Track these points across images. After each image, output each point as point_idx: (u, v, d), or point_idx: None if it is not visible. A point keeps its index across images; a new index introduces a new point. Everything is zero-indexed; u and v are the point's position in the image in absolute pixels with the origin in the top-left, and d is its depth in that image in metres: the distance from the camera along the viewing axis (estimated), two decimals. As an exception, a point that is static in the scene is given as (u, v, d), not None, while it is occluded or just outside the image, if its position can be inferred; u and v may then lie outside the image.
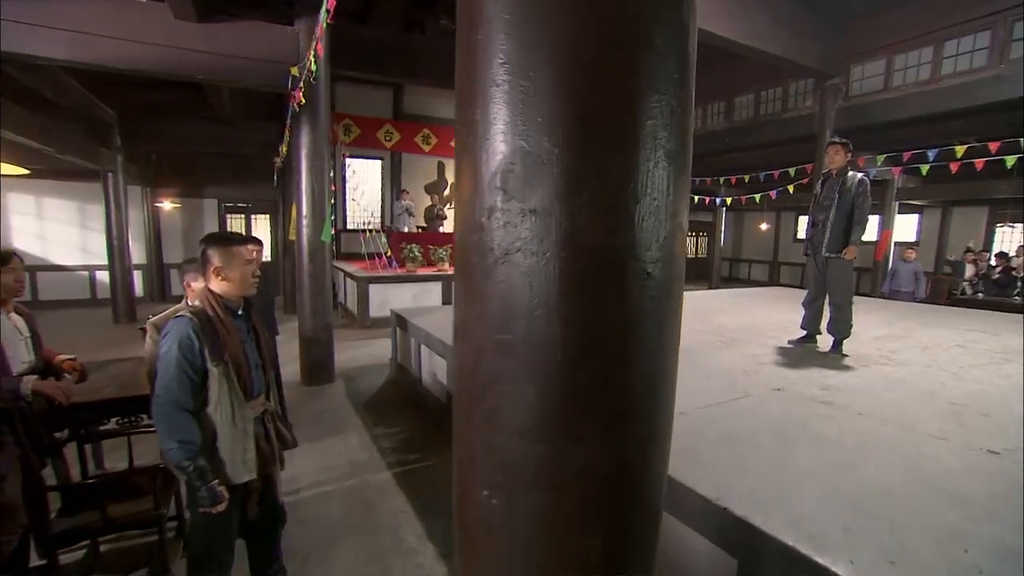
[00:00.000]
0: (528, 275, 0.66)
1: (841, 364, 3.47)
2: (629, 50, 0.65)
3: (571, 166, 0.64)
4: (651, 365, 0.82)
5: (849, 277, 3.69)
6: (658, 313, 0.78)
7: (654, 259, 0.71)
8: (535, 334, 0.68)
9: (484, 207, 0.71)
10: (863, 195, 3.57)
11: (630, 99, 0.65)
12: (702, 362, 3.46)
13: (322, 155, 4.83)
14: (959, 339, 4.39)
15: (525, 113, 0.65)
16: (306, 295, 4.91)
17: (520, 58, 0.65)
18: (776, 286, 12.96)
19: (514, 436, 0.70)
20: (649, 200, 0.67)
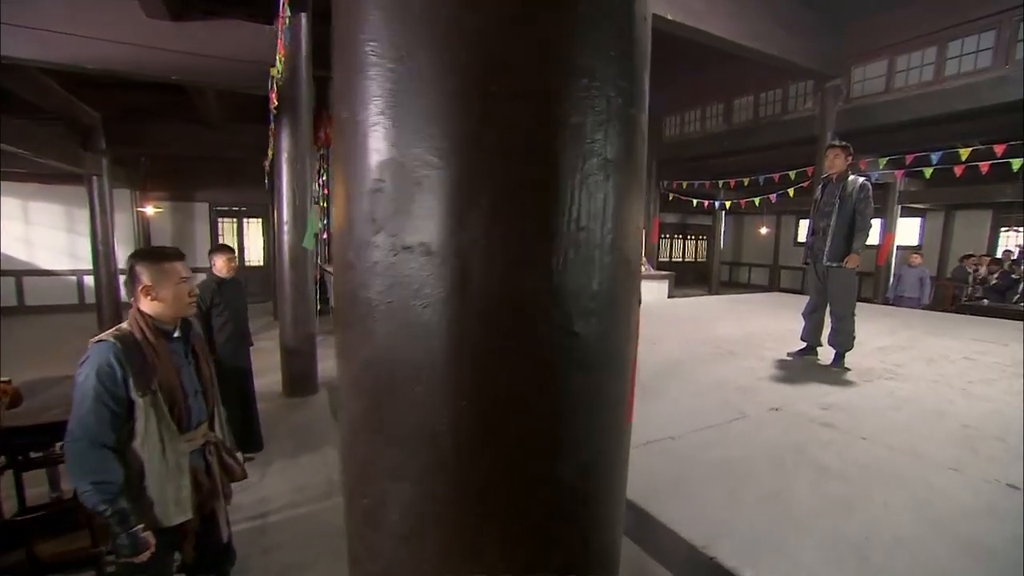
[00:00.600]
0: (405, 334, 0.48)
1: (843, 379, 3.29)
2: (544, 18, 0.46)
3: (459, 183, 0.46)
4: (583, 456, 0.60)
5: (852, 287, 3.51)
6: (592, 386, 0.58)
7: (584, 311, 0.53)
8: (414, 413, 0.50)
9: (353, 241, 0.53)
10: (865, 200, 3.39)
11: (544, 87, 0.47)
12: (696, 377, 3.27)
13: (304, 158, 4.66)
14: (966, 350, 4.21)
15: (396, 109, 0.47)
16: (287, 304, 4.74)
17: (391, 33, 0.47)
18: (776, 291, 12.79)
19: (398, 543, 0.52)
20: (574, 228, 0.49)
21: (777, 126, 9.33)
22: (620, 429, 0.66)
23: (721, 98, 10.36)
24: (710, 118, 10.61)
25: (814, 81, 8.67)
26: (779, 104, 9.39)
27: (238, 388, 3.68)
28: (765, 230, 13.85)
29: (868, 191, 3.41)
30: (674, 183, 11.83)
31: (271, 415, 4.52)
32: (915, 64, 7.73)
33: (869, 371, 3.48)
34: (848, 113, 8.27)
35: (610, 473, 0.64)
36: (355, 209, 0.52)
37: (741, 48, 7.26)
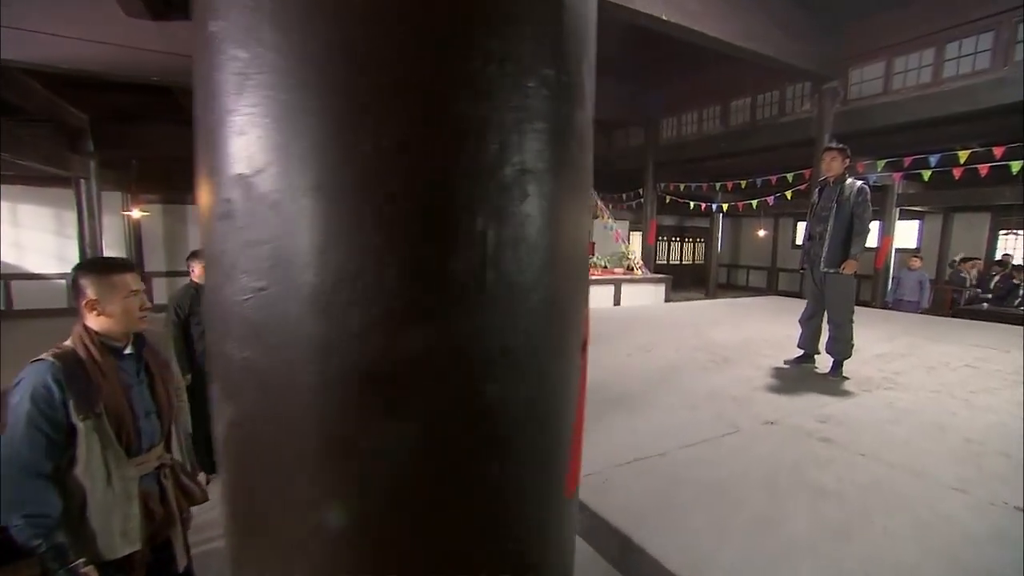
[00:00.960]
0: (265, 399, 0.37)
1: (841, 389, 3.19)
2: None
3: (326, 205, 0.35)
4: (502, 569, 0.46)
5: (850, 293, 3.41)
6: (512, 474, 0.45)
7: (498, 370, 0.41)
8: (279, 502, 0.39)
9: (210, 278, 0.42)
10: (863, 204, 3.29)
11: (433, 78, 0.36)
12: (690, 386, 3.17)
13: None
14: (967, 357, 4.11)
15: (244, 114, 0.36)
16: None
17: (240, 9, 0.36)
18: (774, 294, 12.71)
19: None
20: (479, 262, 0.38)
21: (774, 128, 9.26)
22: (558, 518, 0.54)
23: (718, 100, 10.28)
24: (707, 120, 10.53)
25: (811, 83, 8.60)
26: (776, 106, 9.32)
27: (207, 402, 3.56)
28: (763, 233, 13.77)
29: (866, 195, 3.32)
30: (671, 185, 11.75)
31: None
32: (913, 66, 7.65)
33: (868, 380, 3.37)
34: (846, 115, 8.20)
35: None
36: (205, 236, 0.42)
37: (736, 49, 7.18)
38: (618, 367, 3.62)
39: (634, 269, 10.49)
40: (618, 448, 2.19)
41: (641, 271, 10.59)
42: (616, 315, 6.25)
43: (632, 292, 10.04)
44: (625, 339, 4.62)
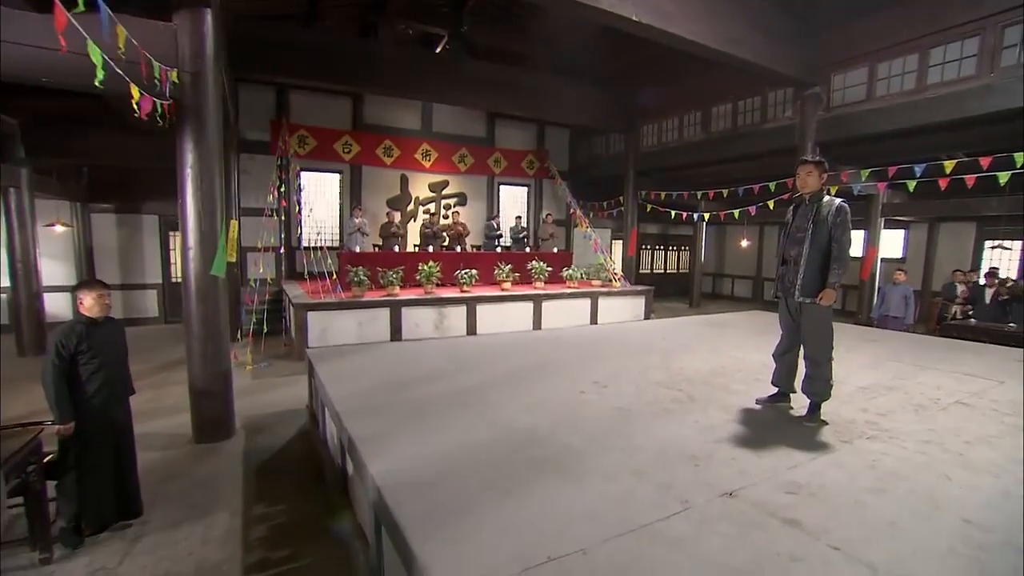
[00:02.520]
0: None
1: (817, 439, 2.76)
2: None
3: None
4: None
5: (827, 327, 3.00)
6: None
7: None
8: None
9: None
10: (842, 226, 2.90)
11: None
12: (642, 438, 2.73)
13: (211, 174, 4.08)
14: (959, 389, 3.72)
15: None
16: (195, 341, 4.14)
17: None
18: (759, 304, 12.37)
19: None
20: None
21: (756, 135, 8.93)
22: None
23: (699, 105, 9.96)
24: (688, 127, 10.20)
25: (793, 89, 8.28)
26: (758, 112, 9.00)
27: (113, 446, 3.09)
28: (746, 243, 13.46)
29: (846, 214, 2.92)
30: (652, 194, 11.40)
31: (171, 466, 3.94)
32: (896, 72, 7.36)
33: (849, 425, 2.96)
34: (828, 122, 7.88)
35: None
36: None
37: (715, 53, 6.83)
38: (566, 410, 3.18)
39: (613, 281, 10.10)
40: (533, 537, 1.75)
41: (620, 283, 10.19)
42: (584, 337, 5.82)
43: (610, 306, 9.64)
44: (584, 369, 4.19)
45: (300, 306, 7.08)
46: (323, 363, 4.29)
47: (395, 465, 2.41)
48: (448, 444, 2.66)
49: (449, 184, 12.25)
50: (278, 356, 7.39)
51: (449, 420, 3.01)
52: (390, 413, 3.13)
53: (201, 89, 3.91)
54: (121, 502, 3.10)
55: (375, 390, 3.61)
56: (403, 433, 2.81)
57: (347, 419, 3.05)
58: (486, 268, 9.30)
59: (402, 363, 4.42)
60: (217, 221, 4.14)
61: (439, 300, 7.99)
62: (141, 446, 4.20)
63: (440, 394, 3.51)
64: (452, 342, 5.54)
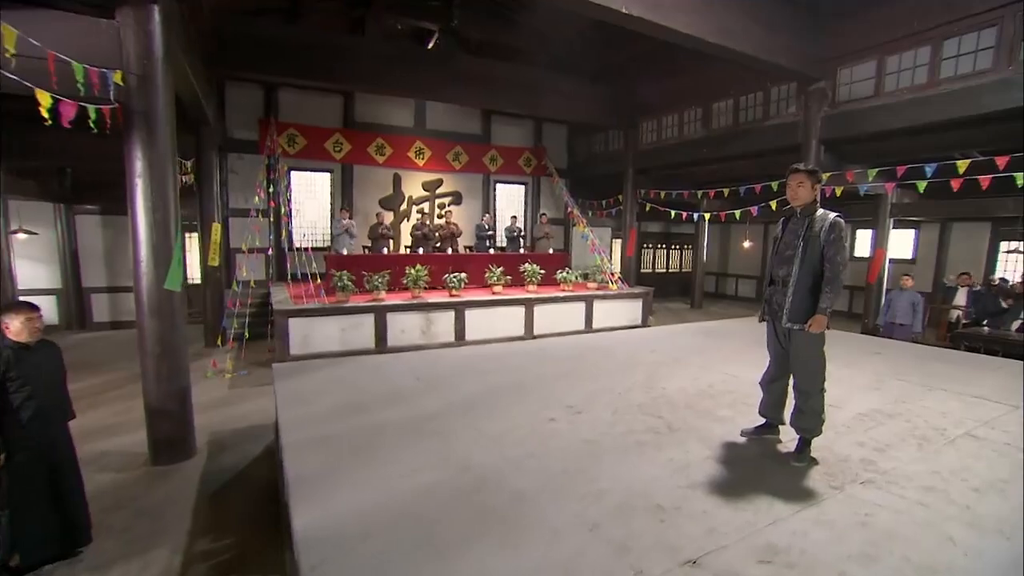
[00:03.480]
0: None
1: (804, 484, 2.47)
2: None
3: None
4: None
5: (819, 355, 2.70)
6: None
7: None
8: None
9: None
10: (836, 244, 2.59)
11: None
12: (606, 481, 2.45)
13: (163, 182, 3.84)
14: (968, 417, 3.40)
15: None
16: (148, 358, 3.91)
17: None
18: None
19: None
20: None
21: (758, 132, 8.55)
22: None
23: (699, 102, 9.58)
24: (688, 123, 9.83)
25: (797, 84, 7.90)
26: (760, 108, 8.62)
27: (49, 477, 2.88)
28: (748, 244, 13.07)
29: (840, 231, 2.61)
30: (652, 192, 11.05)
31: (122, 491, 3.73)
32: (907, 65, 6.96)
33: (842, 464, 2.66)
34: (834, 119, 7.50)
35: None
36: None
37: (712, 46, 6.48)
38: (529, 443, 2.90)
39: (609, 284, 9.79)
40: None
41: (617, 285, 9.88)
42: (570, 348, 5.53)
43: (606, 310, 9.34)
44: (562, 389, 3.91)
45: (281, 312, 6.86)
46: (285, 381, 4.05)
47: (324, 514, 2.16)
48: (390, 488, 2.40)
49: (443, 183, 11.98)
50: (261, 363, 7.18)
51: (399, 455, 2.75)
52: (338, 445, 2.88)
53: (149, 92, 3.66)
54: (65, 533, 2.91)
55: (330, 415, 3.36)
56: (344, 472, 2.56)
57: (289, 454, 2.80)
58: (477, 270, 9.03)
59: (370, 380, 4.17)
60: (171, 232, 3.90)
61: (426, 305, 7.74)
62: (95, 467, 4.04)
63: (399, 421, 3.25)
64: (429, 355, 5.27)
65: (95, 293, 9.11)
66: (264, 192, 8.99)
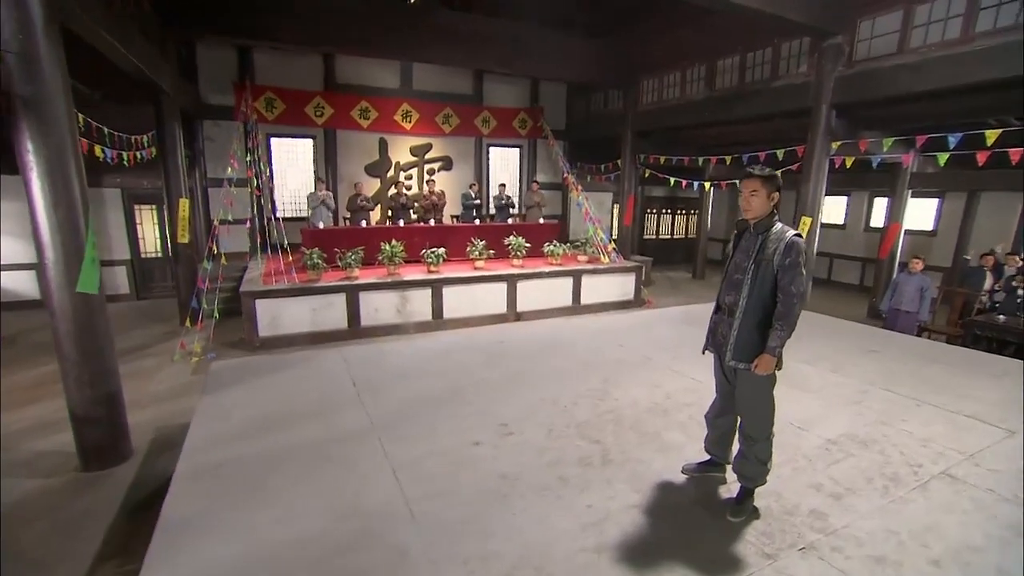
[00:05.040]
0: None
1: (732, 551, 2.13)
2: None
3: None
4: None
5: (766, 401, 2.29)
6: None
7: None
8: None
9: None
10: (792, 271, 2.13)
11: None
12: (500, 539, 2.15)
13: (65, 174, 3.48)
14: (951, 445, 2.99)
15: None
16: (68, 364, 3.67)
17: None
18: None
19: None
20: None
21: (766, 94, 7.74)
22: None
23: (703, 58, 8.70)
24: (691, 82, 8.99)
25: (810, 39, 7.03)
26: (769, 66, 7.76)
27: None
28: None
29: (798, 255, 2.14)
30: (651, 157, 10.31)
31: (42, 501, 3.58)
32: (939, 16, 6.07)
33: (786, 519, 2.31)
34: (849, 80, 6.69)
35: None
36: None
37: (711, 0, 5.70)
38: (436, 479, 2.60)
39: (601, 256, 9.30)
40: None
41: (610, 258, 9.39)
42: (533, 341, 5.16)
43: (595, 285, 8.91)
44: (500, 399, 3.59)
45: (248, 293, 6.61)
46: (215, 388, 3.81)
47: (183, 570, 1.93)
48: (260, 539, 2.15)
49: (432, 147, 11.38)
50: (233, 344, 7.00)
51: (289, 492, 2.50)
52: (231, 477, 2.63)
53: (34, 72, 3.24)
54: None
55: (241, 434, 3.12)
56: (221, 515, 2.32)
57: (174, 489, 2.56)
58: (460, 243, 8.63)
59: (305, 384, 3.91)
60: (80, 229, 3.57)
61: (401, 284, 7.42)
62: (26, 471, 3.91)
63: (309, 443, 2.99)
64: (377, 352, 4.96)
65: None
66: (239, 162, 8.57)
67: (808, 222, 7.07)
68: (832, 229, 11.72)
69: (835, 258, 11.74)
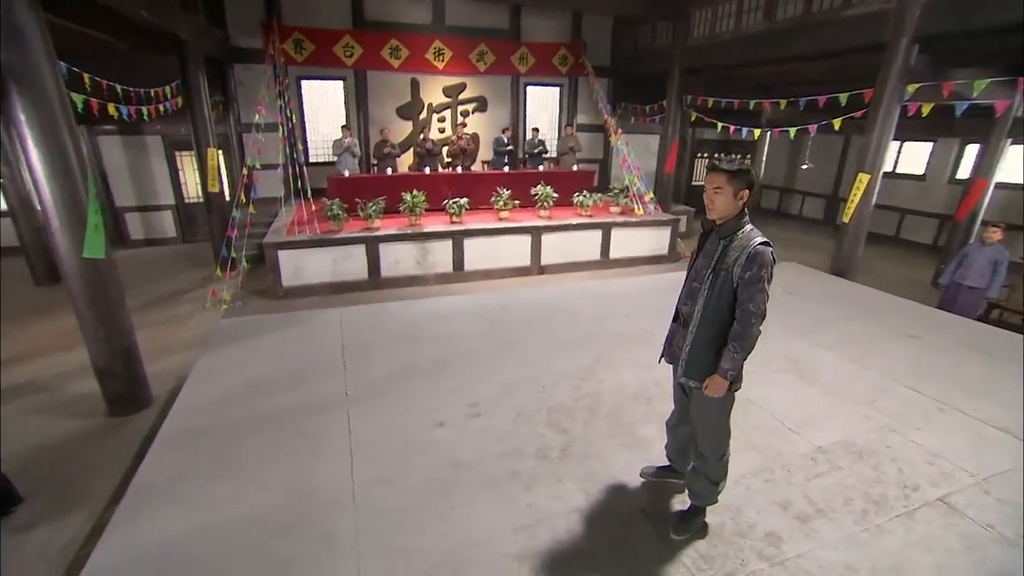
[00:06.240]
0: None
1: (663, 572, 2.03)
2: None
3: None
4: None
5: (719, 422, 2.07)
6: None
7: None
8: None
9: None
10: (753, 285, 1.82)
11: None
12: (432, 533, 2.15)
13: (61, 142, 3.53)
14: (960, 464, 2.66)
15: None
16: (85, 323, 3.94)
17: None
18: (828, 233, 10.25)
19: None
20: None
21: (833, 25, 6.65)
22: None
23: (765, -18, 7.53)
24: (747, 12, 7.87)
25: (894, -45, 5.86)
26: (841, -9, 6.60)
27: None
28: (806, 167, 11.08)
29: (762, 266, 1.82)
30: (699, 99, 9.34)
31: (74, 443, 3.95)
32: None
33: (735, 542, 2.16)
34: (939, 7, 5.58)
35: None
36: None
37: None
38: (390, 463, 2.63)
39: (635, 207, 8.77)
40: None
41: (645, 209, 8.84)
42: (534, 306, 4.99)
43: (626, 238, 8.49)
44: (481, 374, 3.54)
45: (271, 245, 6.81)
46: (216, 346, 4.01)
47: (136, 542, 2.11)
48: (218, 511, 2.30)
49: (466, 87, 10.87)
50: (259, 292, 7.33)
51: (256, 463, 2.63)
52: (207, 443, 2.79)
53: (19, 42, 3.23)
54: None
55: (227, 398, 3.28)
56: (190, 482, 2.49)
57: (153, 451, 2.76)
58: (486, 192, 8.37)
59: (302, 346, 4.04)
60: (81, 197, 3.68)
61: (421, 235, 7.37)
62: (67, 412, 4.35)
63: (285, 411, 3.10)
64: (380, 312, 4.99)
65: (127, 212, 9.56)
66: (267, 107, 8.56)
67: (865, 180, 6.24)
68: (908, 180, 10.40)
69: (907, 213, 10.48)
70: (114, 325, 4.05)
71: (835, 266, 6.65)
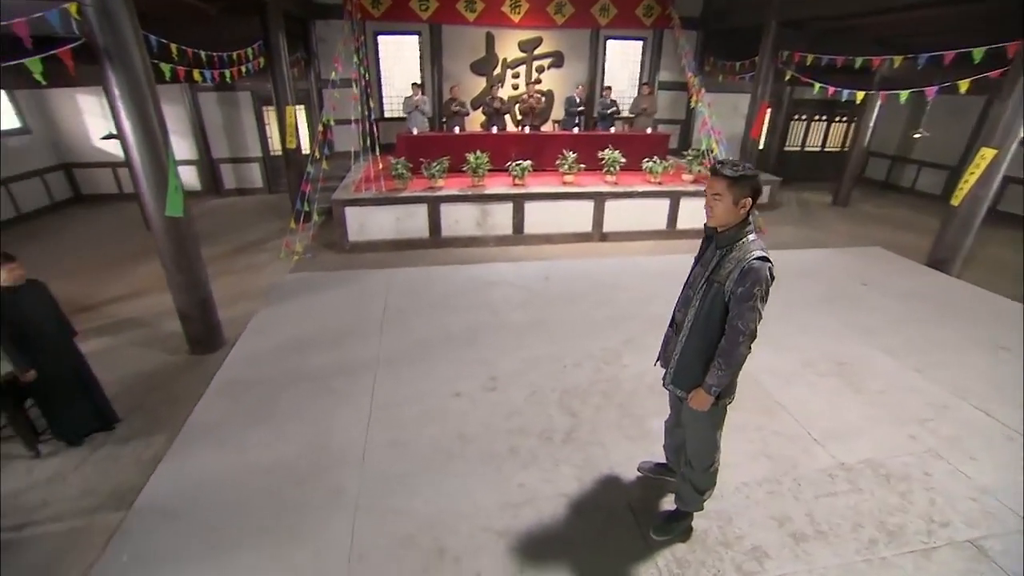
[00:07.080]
0: None
1: (633, 570, 2.06)
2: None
3: None
4: None
5: (707, 435, 1.98)
6: None
7: None
8: None
9: None
10: (745, 302, 1.68)
11: None
12: (423, 497, 2.33)
13: (146, 112, 3.92)
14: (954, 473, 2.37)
15: None
16: (170, 274, 4.48)
17: None
18: (940, 213, 8.88)
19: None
20: None
21: (972, -35, 5.54)
22: None
23: (893, -89, 6.35)
24: (865, -50, 6.72)
25: None
26: (989, -79, 5.43)
27: (69, 378, 3.52)
28: (919, 135, 9.50)
29: (756, 283, 1.67)
30: (796, 55, 8.28)
31: (161, 375, 4.51)
32: None
33: (715, 552, 2.13)
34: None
35: None
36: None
37: None
38: (405, 427, 2.83)
39: (709, 177, 8.16)
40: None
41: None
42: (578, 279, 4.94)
43: (695, 208, 7.97)
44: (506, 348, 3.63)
45: (338, 202, 7.21)
46: (274, 301, 4.42)
47: (181, 474, 2.50)
48: (248, 458, 2.65)
49: (543, 42, 10.45)
50: (329, 245, 7.82)
51: (286, 417, 2.95)
52: (250, 394, 3.17)
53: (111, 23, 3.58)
54: (98, 415, 3.78)
55: (274, 353, 3.65)
56: (231, 428, 2.87)
57: (202, 402, 3.17)
58: (553, 154, 8.19)
59: (349, 305, 4.35)
60: (163, 161, 4.10)
61: (482, 197, 7.42)
62: (159, 348, 5.03)
63: (320, 370, 3.41)
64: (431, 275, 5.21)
65: (223, 164, 10.47)
66: (343, 64, 8.84)
67: (989, 157, 5.33)
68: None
69: (1051, 192, 8.82)
70: (192, 277, 4.57)
71: (934, 255, 5.85)
